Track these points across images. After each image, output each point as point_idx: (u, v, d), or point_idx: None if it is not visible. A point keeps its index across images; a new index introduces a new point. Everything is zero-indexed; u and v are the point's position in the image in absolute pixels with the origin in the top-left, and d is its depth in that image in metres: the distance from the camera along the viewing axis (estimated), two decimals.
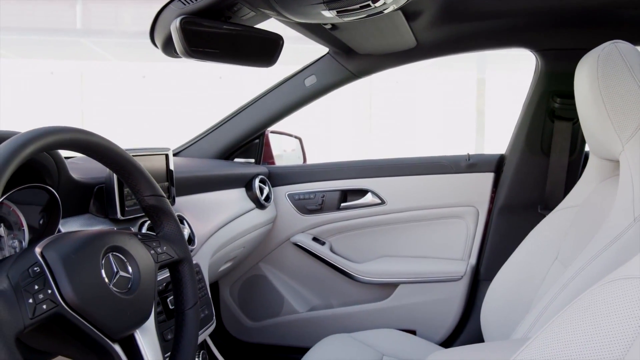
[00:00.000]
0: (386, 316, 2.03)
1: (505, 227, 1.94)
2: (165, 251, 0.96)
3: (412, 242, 2.05)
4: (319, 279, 2.10)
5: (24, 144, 0.73)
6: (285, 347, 2.13)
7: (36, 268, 0.74)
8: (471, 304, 1.99)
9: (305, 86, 1.92)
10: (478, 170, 1.97)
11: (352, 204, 2.03)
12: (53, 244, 0.78)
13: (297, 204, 2.05)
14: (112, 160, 0.90)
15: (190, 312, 0.98)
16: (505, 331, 1.43)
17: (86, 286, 0.76)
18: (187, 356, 0.94)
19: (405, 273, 1.99)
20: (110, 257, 0.83)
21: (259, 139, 2.08)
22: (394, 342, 1.70)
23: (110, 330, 0.78)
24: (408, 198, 2.00)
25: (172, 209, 1.00)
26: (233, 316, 2.18)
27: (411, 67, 7.14)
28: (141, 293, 0.85)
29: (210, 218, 1.60)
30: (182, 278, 1.00)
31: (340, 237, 2.08)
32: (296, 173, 2.09)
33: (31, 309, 0.70)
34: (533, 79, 1.87)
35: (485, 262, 1.97)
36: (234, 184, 1.84)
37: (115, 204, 1.17)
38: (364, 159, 2.09)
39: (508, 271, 1.48)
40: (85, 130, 0.85)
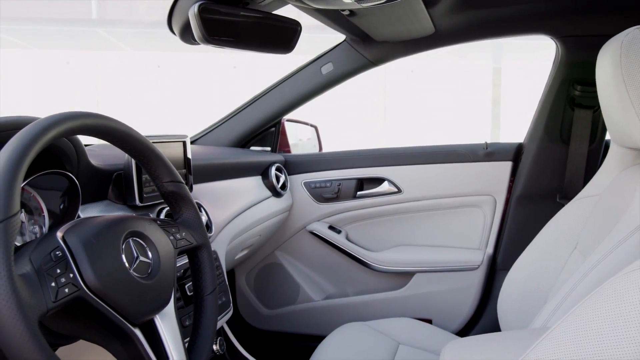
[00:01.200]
0: (402, 305, 2.02)
1: (523, 217, 1.92)
2: (184, 237, 0.96)
3: (429, 231, 2.04)
4: (335, 268, 2.10)
5: (45, 129, 0.74)
6: (300, 335, 2.14)
7: (58, 252, 0.74)
8: (488, 294, 1.98)
9: (321, 74, 1.91)
10: (496, 159, 1.95)
11: (368, 193, 2.02)
12: (74, 229, 0.78)
13: (313, 192, 2.05)
14: (132, 147, 0.91)
15: (209, 298, 0.98)
16: (522, 321, 1.42)
17: (107, 271, 0.76)
18: (206, 341, 0.94)
19: (422, 262, 1.99)
20: (131, 242, 0.84)
21: (275, 127, 2.07)
22: (410, 331, 1.70)
23: (130, 314, 0.78)
24: (425, 187, 1.99)
25: (190, 195, 1.00)
26: (249, 304, 2.19)
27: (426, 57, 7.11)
28: (161, 278, 0.85)
29: (227, 206, 1.60)
30: (201, 264, 1.00)
31: (357, 226, 2.08)
32: (312, 161, 2.09)
33: (54, 292, 0.70)
34: (553, 66, 1.84)
35: (503, 252, 1.95)
36: (250, 172, 1.84)
37: (133, 190, 1.18)
38: (381, 147, 2.08)
39: (526, 261, 1.47)
40: (106, 116, 0.85)
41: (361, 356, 1.54)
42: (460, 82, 8.99)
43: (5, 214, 0.65)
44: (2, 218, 0.65)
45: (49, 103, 8.24)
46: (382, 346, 1.59)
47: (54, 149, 0.97)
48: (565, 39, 1.75)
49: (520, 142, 1.97)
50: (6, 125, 0.86)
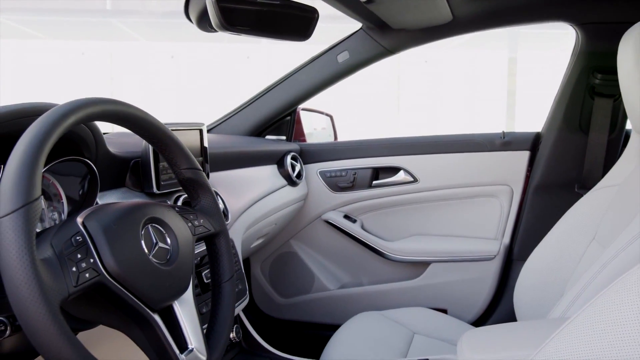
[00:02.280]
0: (417, 295, 2.02)
1: (540, 207, 1.90)
2: (202, 224, 0.96)
3: (445, 221, 2.03)
4: (350, 257, 2.10)
5: (65, 114, 0.74)
6: (315, 323, 2.14)
7: (78, 237, 0.74)
8: (504, 284, 1.97)
9: (337, 62, 1.90)
10: (513, 148, 1.93)
11: (384, 182, 2.02)
12: (94, 214, 0.78)
13: (329, 182, 2.04)
14: (150, 133, 0.91)
15: (227, 285, 0.98)
16: (539, 311, 1.41)
17: (127, 256, 0.77)
18: (224, 328, 0.94)
19: (437, 252, 1.98)
20: (150, 228, 0.84)
21: (291, 116, 2.07)
22: (425, 321, 1.70)
23: (150, 300, 0.79)
24: (441, 176, 1.98)
25: (208, 182, 1.00)
26: (264, 292, 2.20)
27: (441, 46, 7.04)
28: (180, 264, 0.86)
29: (243, 194, 1.60)
30: (218, 251, 1.00)
31: (372, 215, 2.07)
32: (328, 150, 2.08)
33: (74, 277, 0.70)
34: (572, 54, 1.81)
35: (519, 242, 1.94)
36: (266, 160, 1.84)
37: (151, 177, 1.18)
38: (397, 137, 2.07)
39: (543, 251, 1.46)
40: (125, 103, 0.85)
41: (376, 345, 1.54)
42: (475, 73, 8.91)
43: (27, 198, 0.65)
44: (24, 203, 0.65)
45: (65, 93, 8.30)
46: (397, 335, 1.59)
47: (73, 136, 0.97)
48: (585, 26, 1.73)
49: (538, 132, 1.95)
50: (26, 111, 0.87)
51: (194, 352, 0.84)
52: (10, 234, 0.63)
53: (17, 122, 0.85)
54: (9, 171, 0.67)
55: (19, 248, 0.63)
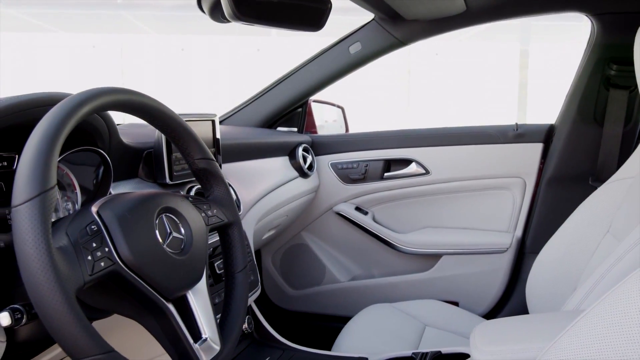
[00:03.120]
0: (428, 287, 2.01)
1: (553, 199, 1.89)
2: (216, 214, 0.96)
3: (457, 213, 2.02)
4: (361, 249, 2.10)
5: (80, 104, 0.74)
6: (326, 315, 2.14)
7: (93, 226, 0.74)
8: (516, 277, 1.96)
9: (349, 53, 1.89)
10: (526, 140, 1.92)
11: (395, 174, 2.01)
12: (108, 204, 0.79)
13: (340, 173, 2.04)
14: (164, 123, 0.91)
15: (240, 275, 0.98)
16: (551, 304, 1.40)
17: (141, 245, 0.77)
18: (237, 318, 0.94)
19: (449, 244, 1.97)
20: (164, 218, 0.84)
21: (302, 107, 2.06)
22: (436, 313, 1.69)
23: (164, 289, 0.79)
24: (453, 168, 1.97)
25: (221, 173, 1.00)
26: (275, 284, 2.20)
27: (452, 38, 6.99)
28: (194, 254, 0.86)
29: (255, 185, 1.60)
30: (231, 241, 1.00)
31: (383, 207, 2.07)
32: (339, 142, 2.07)
33: (90, 265, 0.70)
34: (587, 45, 1.79)
35: (532, 235, 1.93)
36: (277, 152, 1.84)
37: (164, 168, 1.18)
38: (409, 128, 2.06)
39: (556, 243, 1.45)
40: (140, 92, 0.85)
41: (388, 337, 1.54)
42: (486, 65, 8.85)
43: (43, 187, 0.66)
44: (40, 191, 0.65)
45: (76, 87, 8.34)
46: (408, 327, 1.59)
47: (87, 126, 0.97)
48: (602, 16, 1.70)
49: (552, 124, 1.93)
50: (40, 101, 0.87)
51: (207, 342, 0.84)
52: (27, 222, 0.64)
53: (31, 112, 0.85)
54: (25, 160, 0.67)
55: (35, 236, 0.63)
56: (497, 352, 1.08)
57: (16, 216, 0.64)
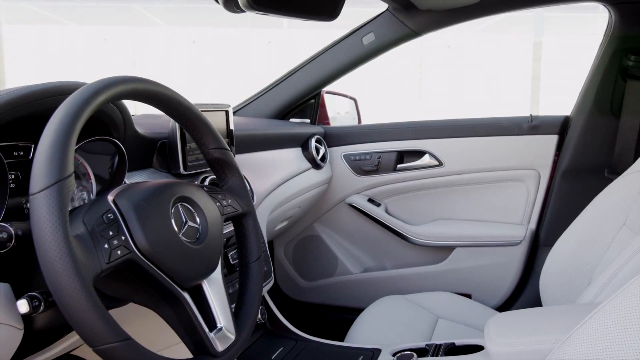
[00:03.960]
0: (441, 279, 2.01)
1: (568, 191, 1.87)
2: (230, 204, 0.96)
3: (470, 205, 2.01)
4: (374, 241, 2.09)
5: (97, 92, 0.74)
6: (338, 307, 2.14)
7: (110, 215, 0.75)
8: (529, 269, 1.95)
9: (363, 44, 1.87)
10: (541, 132, 1.90)
11: (408, 166, 2.00)
12: (124, 193, 0.79)
13: (353, 165, 2.03)
14: (179, 113, 0.90)
15: (255, 265, 0.98)
16: (565, 297, 1.39)
17: (157, 234, 0.77)
18: (252, 308, 0.94)
19: (462, 236, 1.96)
20: (179, 207, 0.84)
21: (315, 99, 2.05)
22: (449, 305, 1.69)
23: (180, 278, 0.79)
24: (467, 160, 1.96)
25: (236, 163, 1.00)
26: (287, 275, 2.21)
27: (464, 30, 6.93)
28: (209, 244, 0.85)
29: (268, 176, 1.60)
30: (246, 231, 1.00)
31: (396, 199, 2.06)
32: (352, 133, 2.07)
33: (107, 253, 0.71)
34: (604, 35, 1.77)
35: (546, 227, 1.91)
36: (290, 143, 1.84)
37: (178, 158, 1.18)
38: (422, 120, 2.05)
39: (571, 236, 1.44)
40: (156, 82, 0.85)
41: (400, 329, 1.54)
42: (499, 57, 8.78)
43: (60, 175, 0.66)
44: (57, 179, 0.65)
45: (88, 79, 8.37)
46: (421, 319, 1.59)
47: (102, 116, 0.97)
48: (620, 5, 1.68)
49: (567, 115, 1.91)
50: (56, 90, 0.87)
51: (222, 331, 0.84)
52: (44, 209, 0.64)
53: (47, 101, 0.85)
54: (42, 148, 0.67)
55: (53, 224, 0.63)
56: (512, 344, 1.07)
57: (34, 204, 0.65)
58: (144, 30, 9.34)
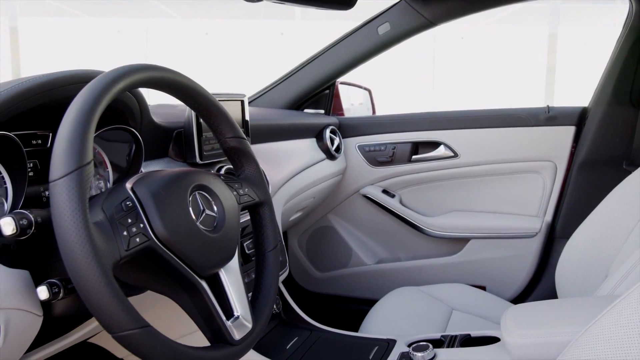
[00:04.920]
0: (455, 271, 2.00)
1: (585, 183, 1.85)
2: (247, 193, 0.96)
3: (485, 197, 1.99)
4: (388, 232, 2.09)
5: (115, 80, 0.74)
6: (352, 298, 2.14)
7: (128, 202, 0.75)
8: (545, 262, 1.94)
9: (378, 34, 1.86)
10: (558, 123, 1.88)
11: (423, 157, 1.99)
12: (142, 181, 0.79)
13: (367, 156, 2.02)
14: (197, 101, 0.90)
15: (271, 254, 0.98)
16: (582, 289, 1.37)
17: (175, 222, 0.77)
18: (268, 297, 0.94)
19: (477, 228, 1.95)
20: (197, 195, 0.84)
21: (329, 89, 2.04)
22: (464, 297, 1.68)
23: (198, 266, 0.79)
24: (482, 151, 1.94)
25: (252, 152, 1.00)
26: (301, 266, 2.21)
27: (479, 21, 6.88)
28: (226, 232, 0.85)
29: (283, 166, 1.60)
30: (262, 220, 1.00)
31: (411, 190, 2.05)
32: (367, 124, 2.06)
33: (126, 241, 0.71)
34: (624, 25, 1.74)
35: (562, 219, 1.89)
36: (305, 133, 1.83)
37: (194, 148, 1.18)
38: (437, 111, 2.03)
39: (588, 228, 1.42)
40: (173, 70, 0.85)
41: (415, 320, 1.54)
42: (514, 49, 8.70)
43: (80, 162, 0.66)
44: (77, 166, 0.65)
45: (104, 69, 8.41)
46: (435, 311, 1.58)
47: (119, 105, 0.98)
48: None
49: (585, 106, 1.89)
50: (74, 78, 0.87)
51: (239, 320, 0.84)
52: (64, 196, 0.64)
53: (65, 89, 0.85)
54: (62, 135, 0.67)
55: (73, 210, 0.63)
56: (530, 335, 1.07)
57: (54, 190, 0.65)
58: (157, 22, 9.36)
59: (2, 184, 0.85)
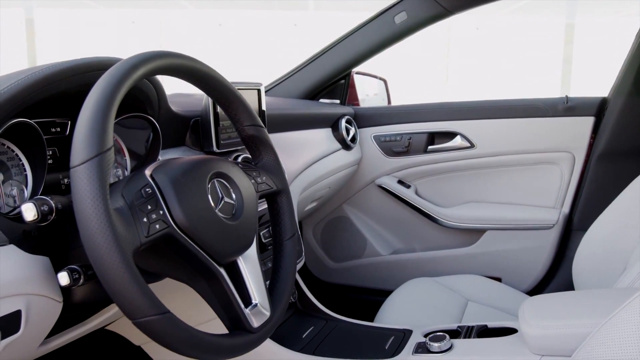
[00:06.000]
0: (470, 262, 1.99)
1: (604, 175, 1.83)
2: (265, 181, 0.96)
3: (502, 188, 1.97)
4: (403, 223, 2.08)
5: (135, 66, 0.73)
6: (366, 288, 2.14)
7: (148, 189, 0.75)
8: (562, 254, 1.92)
9: (394, 23, 1.84)
10: (576, 114, 1.86)
11: (439, 147, 1.97)
12: (162, 168, 0.79)
13: (383, 146, 2.01)
14: (215, 89, 0.90)
15: (289, 243, 0.98)
16: (599, 281, 1.36)
17: (194, 209, 0.77)
18: (286, 285, 0.94)
19: (494, 219, 1.94)
20: (215, 182, 0.84)
21: (345, 79, 2.03)
22: (479, 288, 1.67)
23: (216, 253, 0.79)
24: (499, 142, 1.92)
25: (270, 140, 0.99)
26: (316, 256, 2.21)
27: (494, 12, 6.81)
28: (245, 220, 0.85)
29: (298, 156, 1.59)
30: (280, 209, 1.00)
31: (426, 181, 2.04)
32: (382, 114, 2.05)
33: (146, 227, 0.71)
34: None
35: (580, 211, 1.87)
36: (320, 123, 1.82)
37: (211, 136, 1.18)
38: (454, 101, 2.01)
39: (606, 220, 1.40)
40: (192, 57, 0.84)
41: (431, 311, 1.53)
42: (530, 40, 8.60)
43: (101, 148, 0.66)
44: (98, 152, 0.65)
45: None
46: (451, 302, 1.58)
47: (137, 93, 0.97)
48: None
49: (604, 97, 1.86)
50: (93, 65, 0.87)
51: (257, 307, 0.84)
52: (85, 182, 0.64)
53: (84, 77, 0.85)
54: (83, 121, 0.67)
55: (94, 196, 0.64)
56: (549, 327, 1.06)
57: (75, 176, 0.65)
58: (171, 12, 9.38)
59: (22, 171, 0.85)
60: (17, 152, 0.85)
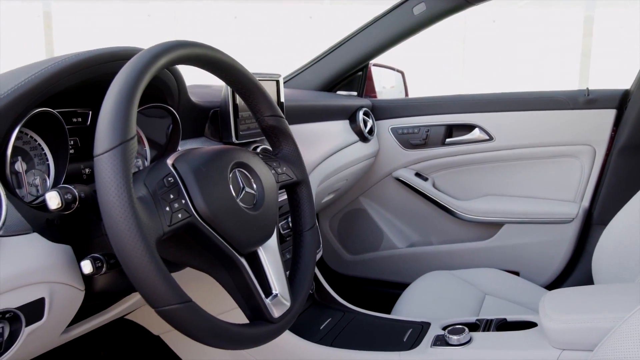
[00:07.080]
0: (488, 256, 1.97)
1: (625, 169, 1.80)
2: (285, 172, 0.96)
3: (521, 181, 1.95)
4: (420, 215, 2.07)
5: (157, 55, 0.73)
6: (383, 281, 2.14)
7: (170, 178, 0.75)
8: (581, 248, 1.90)
9: (413, 15, 1.82)
10: (598, 106, 1.83)
11: (457, 140, 1.96)
12: (183, 157, 0.79)
13: (401, 138, 2.00)
14: (236, 79, 0.90)
15: (309, 233, 0.98)
16: (620, 277, 1.34)
17: (216, 199, 0.77)
18: (306, 276, 0.94)
19: (512, 213, 1.92)
20: (237, 172, 0.84)
21: (362, 71, 2.02)
22: (497, 282, 1.66)
23: (238, 243, 0.79)
24: (518, 135, 1.90)
25: (290, 131, 0.99)
26: (332, 249, 2.21)
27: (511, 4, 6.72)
28: (265, 210, 0.85)
29: (316, 148, 1.59)
30: (300, 200, 0.99)
31: (444, 174, 2.03)
32: (400, 106, 2.03)
33: (168, 216, 0.71)
34: None
35: (600, 205, 1.85)
36: (338, 115, 1.82)
37: (230, 127, 1.18)
38: (472, 93, 2.00)
39: (627, 214, 1.38)
40: (213, 47, 0.84)
41: (448, 304, 1.53)
42: (548, 33, 8.49)
43: (124, 137, 0.66)
44: (121, 140, 0.65)
45: None
46: (468, 295, 1.57)
47: (158, 83, 0.98)
48: None
49: (627, 89, 1.83)
50: (114, 55, 0.87)
51: (278, 298, 0.84)
52: (109, 170, 0.64)
53: (105, 66, 0.86)
54: (106, 110, 0.67)
55: (118, 184, 0.64)
56: (570, 321, 1.05)
57: (98, 165, 0.65)
58: (186, 5, 9.39)
59: (45, 160, 0.86)
60: (40, 141, 0.85)
